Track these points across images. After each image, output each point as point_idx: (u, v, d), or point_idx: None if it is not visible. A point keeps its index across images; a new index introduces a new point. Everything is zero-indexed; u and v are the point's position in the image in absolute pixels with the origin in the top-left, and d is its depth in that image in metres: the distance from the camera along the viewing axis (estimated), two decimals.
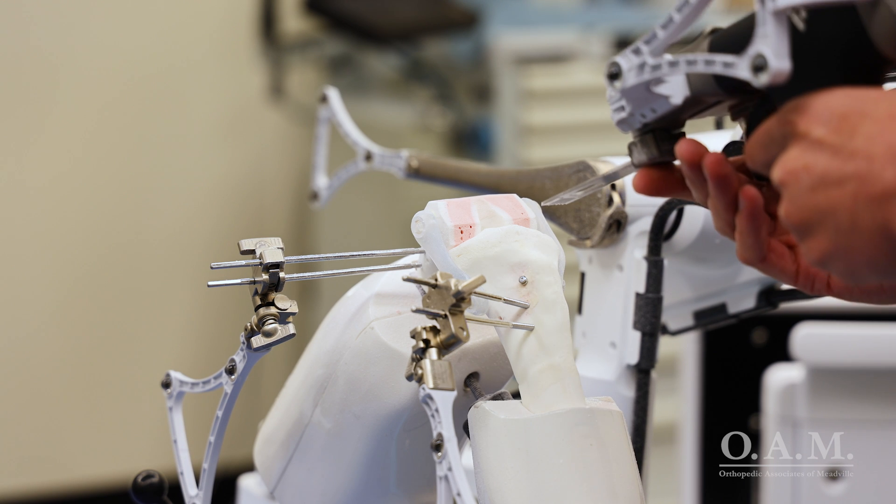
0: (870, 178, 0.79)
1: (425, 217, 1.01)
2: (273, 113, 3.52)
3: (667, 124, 0.93)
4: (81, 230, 3.34)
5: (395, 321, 1.04)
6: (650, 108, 0.92)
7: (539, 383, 0.96)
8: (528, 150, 3.02)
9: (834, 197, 0.80)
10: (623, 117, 0.93)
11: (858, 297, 0.91)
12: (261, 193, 3.63)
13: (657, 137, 0.93)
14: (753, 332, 1.90)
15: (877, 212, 0.79)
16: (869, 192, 0.79)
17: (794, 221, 0.83)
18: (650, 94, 0.90)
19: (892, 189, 0.78)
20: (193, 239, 3.50)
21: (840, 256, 0.81)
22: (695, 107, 0.92)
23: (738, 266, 1.25)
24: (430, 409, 0.91)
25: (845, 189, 0.79)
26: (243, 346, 1.00)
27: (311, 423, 1.08)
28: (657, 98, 0.91)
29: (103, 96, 3.34)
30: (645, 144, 0.94)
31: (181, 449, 1.07)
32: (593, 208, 1.21)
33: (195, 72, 3.47)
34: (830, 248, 0.82)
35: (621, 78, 0.89)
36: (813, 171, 0.81)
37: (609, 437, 0.96)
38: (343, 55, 3.42)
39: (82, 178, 3.33)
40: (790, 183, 0.82)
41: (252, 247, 0.98)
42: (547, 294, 0.98)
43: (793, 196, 0.82)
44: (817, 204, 0.81)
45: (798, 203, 0.82)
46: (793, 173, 0.82)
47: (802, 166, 0.81)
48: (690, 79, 0.89)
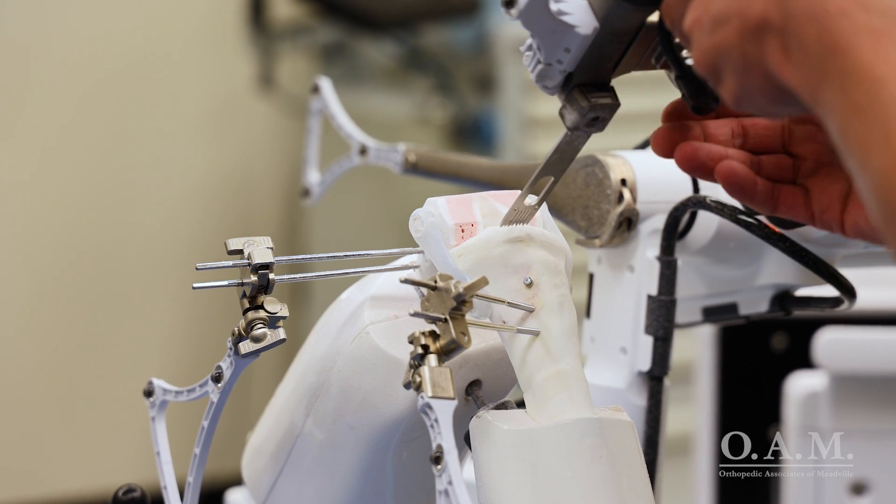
0: (747, 12, 0.83)
1: (424, 215, 1.01)
2: (262, 104, 3.52)
3: (591, 75, 0.93)
4: (58, 229, 3.35)
5: (391, 325, 1.04)
6: (563, 49, 0.92)
7: (545, 392, 0.96)
8: (533, 143, 3.02)
9: (725, 36, 0.84)
10: (541, 70, 0.93)
11: (870, 240, 0.94)
12: (249, 190, 3.63)
13: (584, 90, 0.94)
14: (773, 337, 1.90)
15: (755, 46, 0.83)
16: (747, 27, 0.83)
17: (703, 67, 0.87)
18: (554, 21, 0.90)
19: (762, 21, 0.82)
20: (177, 238, 3.50)
21: (746, 95, 0.85)
22: (614, 43, 0.92)
23: (755, 268, 1.25)
24: (430, 419, 0.91)
25: (731, 26, 0.84)
26: (230, 353, 1.00)
27: (303, 434, 1.08)
28: (564, 30, 0.91)
29: (81, 86, 3.35)
30: (572, 101, 0.95)
31: (164, 461, 1.07)
32: (602, 205, 1.21)
33: (179, 60, 3.47)
34: (737, 88, 0.85)
35: (516, 3, 0.90)
36: (710, 13, 0.85)
37: (619, 449, 0.96)
38: (336, 43, 3.43)
39: (58, 174, 3.33)
40: (695, 30, 0.86)
41: (240, 246, 0.98)
42: (553, 296, 0.98)
43: (697, 41, 0.86)
44: (715, 46, 0.85)
45: (702, 48, 0.86)
46: (696, 21, 0.86)
47: (703, 10, 0.86)
48: (592, 3, 0.90)
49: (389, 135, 1.60)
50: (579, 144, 0.98)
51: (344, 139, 1.42)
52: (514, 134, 3.06)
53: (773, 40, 0.82)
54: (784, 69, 0.82)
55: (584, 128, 0.96)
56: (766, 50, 0.82)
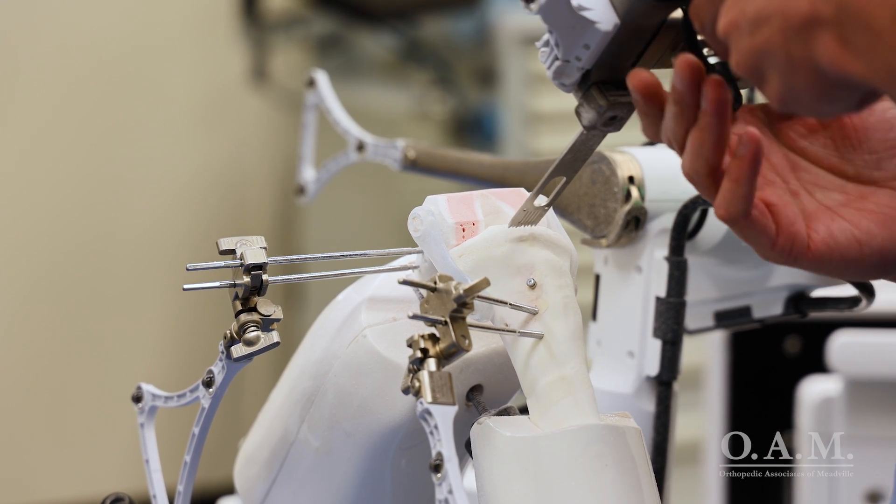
0: (789, 10, 0.83)
1: (423, 213, 1.01)
2: (255, 99, 3.52)
3: (609, 73, 0.93)
4: (43, 227, 3.35)
5: (389, 328, 1.04)
6: (582, 45, 0.92)
7: (549, 397, 0.96)
8: (536, 138, 3.02)
9: (767, 37, 0.84)
10: (558, 66, 0.93)
11: (836, 266, 0.93)
12: (242, 188, 3.63)
13: (601, 88, 0.94)
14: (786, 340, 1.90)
15: (802, 44, 0.83)
16: (791, 25, 0.83)
17: (745, 69, 0.87)
18: (574, 16, 0.91)
19: (810, 17, 0.82)
20: (167, 238, 3.50)
21: (793, 96, 0.86)
22: (634, 40, 0.92)
23: (768, 269, 1.25)
24: (429, 426, 0.91)
25: (773, 26, 0.84)
26: (222, 357, 1.00)
27: (297, 441, 1.08)
28: (584, 26, 0.91)
29: (67, 79, 3.35)
30: (590, 99, 0.95)
31: (154, 469, 1.07)
32: (609, 203, 1.21)
33: (168, 53, 3.47)
34: (782, 89, 0.86)
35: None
36: (747, 14, 0.85)
37: (626, 457, 0.96)
38: (332, 34, 3.43)
39: (43, 170, 3.33)
40: (732, 32, 0.87)
41: (232, 246, 0.98)
42: (558, 298, 0.98)
43: (736, 44, 0.86)
44: (756, 47, 0.85)
45: (742, 50, 0.86)
46: (732, 22, 0.86)
47: (739, 12, 0.86)
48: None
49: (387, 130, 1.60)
50: (594, 144, 0.98)
51: (340, 135, 1.42)
52: (517, 129, 3.06)
53: (825, 34, 0.82)
54: (843, 61, 0.82)
55: (600, 127, 0.96)
56: (817, 45, 0.83)
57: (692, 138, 0.91)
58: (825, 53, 0.82)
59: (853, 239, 0.93)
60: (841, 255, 0.93)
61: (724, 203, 0.91)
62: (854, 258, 0.93)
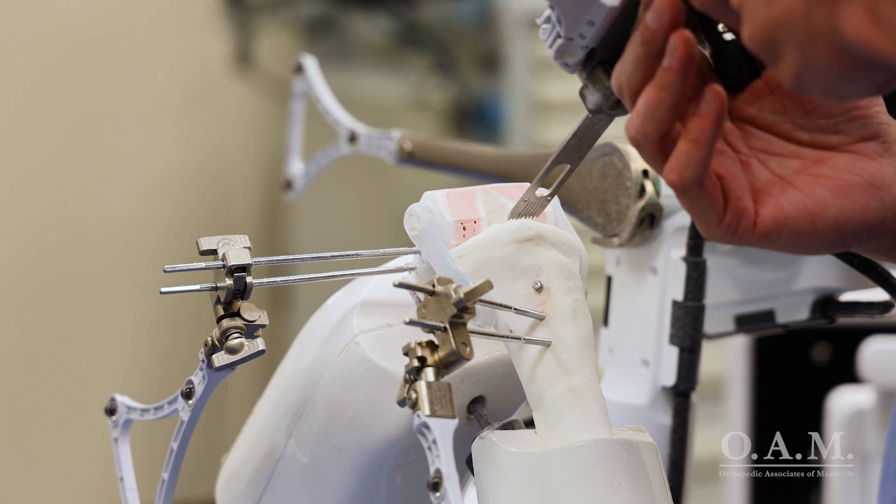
0: None
1: (421, 211, 1.01)
2: (239, 86, 3.53)
3: (615, 52, 0.93)
4: (9, 225, 3.35)
5: (384, 335, 1.04)
6: (587, 22, 0.92)
7: (557, 409, 0.97)
8: (543, 129, 3.03)
9: (786, 5, 0.84)
10: (560, 45, 0.94)
11: (786, 242, 0.93)
12: (224, 182, 3.63)
13: (608, 69, 0.94)
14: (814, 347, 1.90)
15: (827, 14, 0.83)
16: None
17: (759, 43, 0.86)
18: None
19: None
20: (143, 236, 3.51)
21: (810, 73, 0.85)
22: None
23: (794, 270, 1.25)
24: (427, 441, 0.91)
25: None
26: (203, 366, 1.01)
27: (285, 457, 1.09)
28: (589, 0, 0.91)
29: (38, 64, 3.35)
30: (595, 80, 0.95)
31: (128, 488, 1.07)
32: (622, 199, 1.21)
33: (145, 35, 3.47)
34: (799, 65, 0.85)
35: None
36: None
37: (640, 474, 0.96)
38: (322, 17, 3.43)
39: (10, 164, 3.34)
40: (746, 2, 0.86)
41: (213, 246, 0.99)
42: (566, 302, 0.98)
43: (751, 15, 0.86)
44: (774, 18, 0.85)
45: (757, 21, 0.86)
46: None
47: None
48: None
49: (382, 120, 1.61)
50: (600, 129, 0.99)
51: (331, 125, 1.42)
52: (523, 119, 3.06)
53: (853, 5, 0.82)
54: (871, 36, 0.81)
55: (607, 110, 0.96)
56: (843, 16, 0.82)
57: (647, 96, 0.91)
58: (851, 26, 0.82)
59: (805, 211, 0.93)
60: (791, 230, 0.93)
61: (679, 167, 0.91)
62: (806, 232, 0.93)
